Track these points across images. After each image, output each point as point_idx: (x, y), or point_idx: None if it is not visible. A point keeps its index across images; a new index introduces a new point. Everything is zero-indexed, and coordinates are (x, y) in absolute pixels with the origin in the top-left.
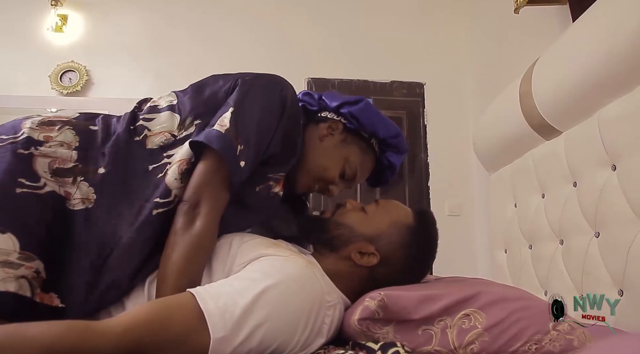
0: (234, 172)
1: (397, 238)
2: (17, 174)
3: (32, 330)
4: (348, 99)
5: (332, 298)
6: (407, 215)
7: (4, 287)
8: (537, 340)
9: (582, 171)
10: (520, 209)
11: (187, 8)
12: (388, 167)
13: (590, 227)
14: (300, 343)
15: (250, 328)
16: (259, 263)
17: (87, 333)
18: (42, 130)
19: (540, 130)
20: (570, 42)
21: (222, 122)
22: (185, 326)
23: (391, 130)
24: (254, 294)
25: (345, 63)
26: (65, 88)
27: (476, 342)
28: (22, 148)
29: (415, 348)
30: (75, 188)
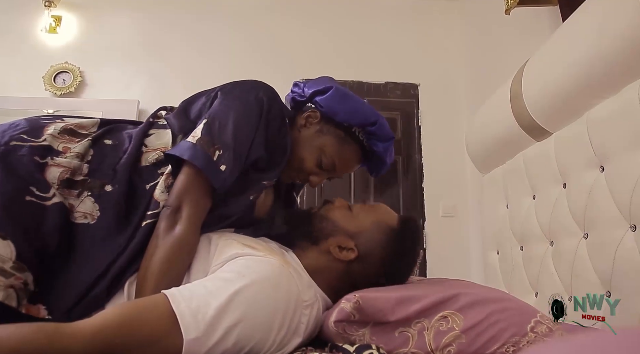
0: (214, 177)
1: (378, 237)
2: (30, 182)
3: (0, 332)
4: (318, 87)
5: (309, 297)
6: (392, 218)
7: None
8: (515, 342)
9: (572, 172)
10: (512, 210)
11: (180, 10)
12: (374, 156)
13: (580, 228)
14: (277, 343)
15: (224, 329)
16: (233, 263)
17: (57, 335)
18: (62, 140)
19: (530, 131)
20: (559, 43)
21: (194, 133)
22: (156, 328)
23: (368, 118)
24: (227, 294)
25: (339, 64)
26: (59, 89)
27: (453, 344)
28: (39, 156)
29: (392, 350)
30: (79, 202)
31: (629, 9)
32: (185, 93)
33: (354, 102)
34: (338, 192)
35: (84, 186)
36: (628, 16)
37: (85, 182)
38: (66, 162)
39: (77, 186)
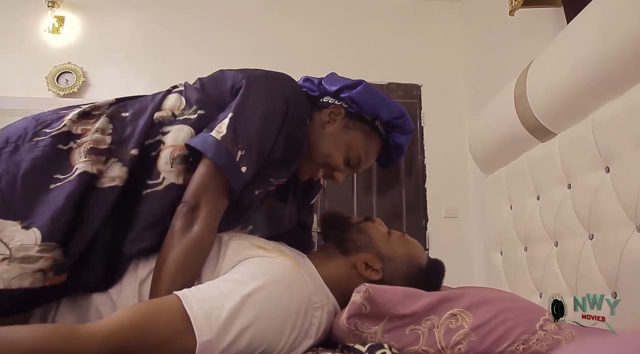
0: (234, 179)
1: (405, 270)
2: (55, 170)
3: (16, 333)
4: (347, 83)
5: (320, 299)
6: (422, 256)
7: (18, 284)
8: (525, 340)
9: (576, 173)
10: (516, 211)
11: (182, 11)
12: (395, 148)
13: (585, 229)
14: (288, 345)
15: (237, 331)
16: (245, 264)
17: (71, 337)
18: (80, 123)
19: (535, 132)
20: (563, 44)
21: (220, 128)
22: (169, 330)
23: (394, 112)
24: (240, 296)
25: (341, 65)
26: (62, 89)
27: (463, 342)
28: (62, 144)
29: (403, 348)
30: (107, 167)
31: (633, 10)
32: None
33: (382, 96)
34: (341, 193)
35: (110, 153)
36: (633, 18)
37: (110, 150)
38: (88, 139)
39: (102, 152)
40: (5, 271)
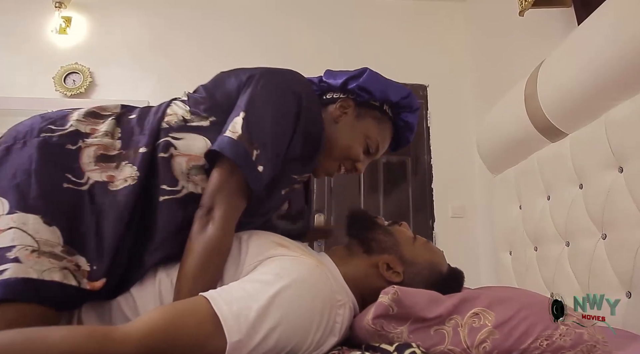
0: (252, 178)
1: (426, 275)
2: (65, 169)
3: (52, 336)
4: (351, 74)
5: (342, 297)
6: (444, 264)
7: (49, 276)
8: (548, 336)
9: (589, 173)
10: (525, 211)
11: (188, 11)
12: (405, 127)
13: (597, 229)
14: (314, 343)
15: (266, 331)
16: (269, 264)
17: (107, 340)
18: (87, 122)
19: (545, 132)
20: (576, 44)
21: (233, 127)
22: (200, 331)
23: (402, 91)
24: (267, 297)
25: (347, 66)
26: (69, 90)
27: (488, 340)
28: (70, 143)
29: (429, 348)
30: (119, 171)
31: None
32: None
33: (386, 79)
34: (348, 192)
35: (120, 157)
36: None
37: (120, 154)
38: (97, 141)
39: (113, 160)
40: (36, 263)
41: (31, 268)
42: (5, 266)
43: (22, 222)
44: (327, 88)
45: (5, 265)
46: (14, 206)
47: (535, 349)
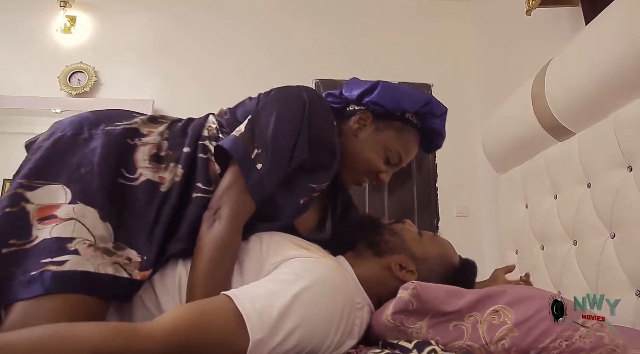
0: (248, 173)
1: (439, 270)
2: (121, 163)
3: (80, 331)
4: (364, 88)
5: (361, 300)
6: (455, 256)
7: (104, 270)
8: (567, 337)
9: (597, 172)
10: (532, 210)
11: (193, 10)
12: (433, 133)
13: (606, 228)
14: (334, 344)
15: (287, 330)
16: (290, 264)
17: (133, 337)
18: (147, 125)
19: (552, 131)
20: (585, 43)
21: (239, 128)
22: (224, 329)
23: (419, 101)
24: (289, 296)
25: (352, 64)
26: (74, 89)
27: (507, 338)
28: (129, 138)
29: (448, 343)
30: (168, 173)
31: None
32: (199, 93)
33: (401, 90)
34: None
35: (169, 159)
36: None
37: (168, 155)
38: (152, 140)
39: (163, 160)
40: (92, 256)
41: (88, 262)
42: (66, 257)
43: (81, 214)
44: (346, 100)
45: (65, 256)
46: (76, 196)
47: (554, 349)
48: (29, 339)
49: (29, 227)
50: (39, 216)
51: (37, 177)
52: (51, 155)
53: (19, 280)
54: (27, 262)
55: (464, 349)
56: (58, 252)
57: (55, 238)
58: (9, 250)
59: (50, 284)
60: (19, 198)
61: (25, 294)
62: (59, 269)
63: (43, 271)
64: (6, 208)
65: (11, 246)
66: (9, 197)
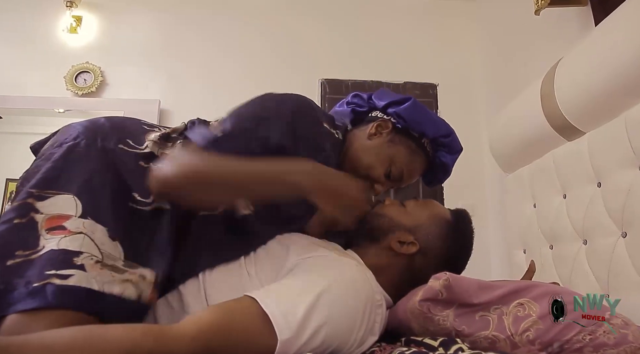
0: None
1: (436, 230)
2: (134, 188)
3: (111, 333)
4: (394, 98)
5: (380, 297)
6: (445, 211)
7: (109, 289)
8: (591, 331)
9: (607, 171)
10: (540, 209)
11: (199, 10)
12: (440, 167)
13: (617, 227)
14: (357, 342)
15: (313, 329)
16: (311, 263)
17: (163, 339)
18: (161, 146)
19: (562, 130)
20: (596, 42)
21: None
22: (251, 329)
23: (441, 129)
24: (313, 295)
25: (358, 64)
26: (80, 89)
27: (531, 329)
28: (143, 161)
29: (474, 333)
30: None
31: None
32: (205, 93)
33: (429, 113)
34: None
35: None
36: None
37: None
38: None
39: None
40: (99, 274)
41: (94, 279)
42: (71, 272)
43: (91, 230)
44: (373, 106)
45: (70, 270)
46: (87, 211)
47: (577, 342)
48: (63, 339)
49: (36, 237)
50: (48, 226)
51: (48, 187)
52: (63, 165)
53: (20, 290)
54: (30, 272)
55: (490, 339)
56: (63, 265)
57: (62, 250)
58: (14, 262)
59: (51, 298)
60: (28, 208)
61: (25, 305)
62: (62, 283)
63: (46, 283)
64: (15, 219)
65: (17, 257)
66: (18, 207)
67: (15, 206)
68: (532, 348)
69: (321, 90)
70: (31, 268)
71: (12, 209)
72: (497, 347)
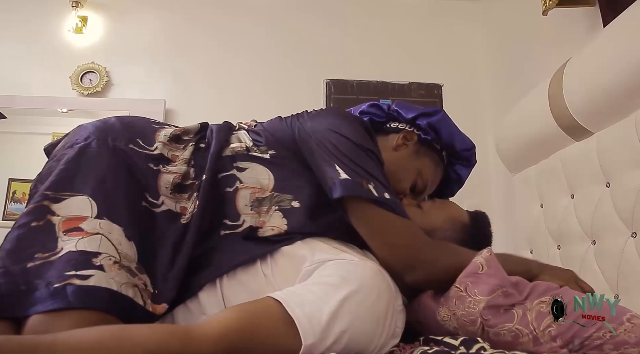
0: (392, 208)
1: (452, 234)
2: (145, 188)
3: (137, 333)
4: (425, 110)
5: (401, 302)
6: (462, 214)
7: (126, 291)
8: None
9: (617, 172)
10: (547, 209)
11: (205, 9)
12: (456, 180)
13: (627, 227)
14: (378, 347)
15: (337, 335)
16: (333, 267)
17: (188, 339)
18: (171, 148)
19: (570, 131)
20: (605, 43)
21: (336, 172)
22: (275, 332)
23: (466, 143)
24: (337, 300)
25: (363, 64)
26: (86, 89)
27: (553, 326)
28: (153, 163)
29: (498, 324)
30: (190, 203)
31: None
32: (210, 92)
33: (456, 126)
34: None
35: (192, 188)
36: None
37: (193, 185)
38: (177, 169)
39: (187, 189)
40: (117, 275)
41: (112, 280)
42: (90, 272)
43: (107, 231)
44: (393, 117)
45: (90, 271)
46: (102, 212)
47: (597, 339)
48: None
49: (54, 239)
50: (65, 228)
51: (63, 189)
52: (76, 166)
53: (41, 291)
54: (50, 273)
55: (514, 332)
56: (83, 266)
57: (81, 251)
58: (34, 264)
59: (72, 298)
60: (44, 211)
61: (46, 306)
62: (83, 283)
63: (67, 284)
64: (32, 222)
65: (37, 259)
66: (34, 210)
67: (31, 209)
68: (554, 344)
69: (326, 90)
70: (51, 269)
71: (29, 212)
72: (520, 342)
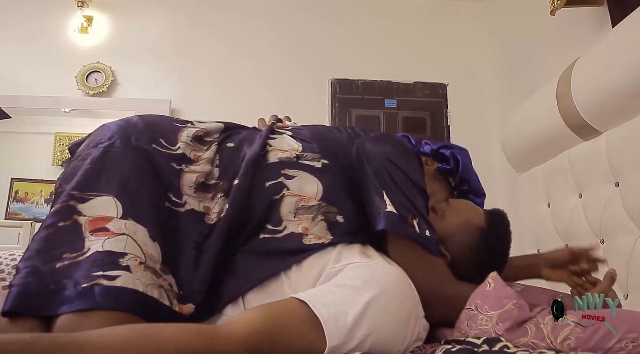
0: (429, 248)
1: (467, 240)
2: (168, 188)
3: (165, 332)
4: (448, 143)
5: (421, 309)
6: (478, 216)
7: (151, 292)
8: (634, 338)
9: (626, 171)
10: (555, 209)
11: (210, 9)
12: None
13: (636, 227)
14: (402, 351)
15: (361, 337)
16: (356, 270)
17: (215, 338)
18: (193, 148)
19: (578, 130)
20: (615, 42)
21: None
22: (300, 333)
23: (480, 187)
24: (362, 303)
25: (368, 64)
26: (91, 88)
27: (572, 337)
28: (175, 163)
29: (513, 339)
30: (214, 203)
31: None
32: (215, 92)
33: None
34: None
35: (217, 188)
36: None
37: (217, 185)
38: (200, 168)
39: (210, 189)
40: (143, 275)
41: (138, 280)
42: (117, 273)
43: (133, 231)
44: (417, 149)
45: (117, 271)
46: (127, 213)
47: (620, 349)
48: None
49: (81, 240)
50: (91, 228)
51: (88, 189)
52: (101, 166)
53: (70, 291)
54: (77, 273)
55: (529, 345)
56: (110, 266)
57: (107, 251)
58: (62, 264)
59: (99, 299)
60: (71, 211)
61: (73, 307)
62: (110, 284)
63: (94, 284)
64: (59, 222)
65: (64, 260)
66: (60, 210)
67: (58, 209)
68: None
69: (331, 90)
70: (79, 269)
71: (56, 212)
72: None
